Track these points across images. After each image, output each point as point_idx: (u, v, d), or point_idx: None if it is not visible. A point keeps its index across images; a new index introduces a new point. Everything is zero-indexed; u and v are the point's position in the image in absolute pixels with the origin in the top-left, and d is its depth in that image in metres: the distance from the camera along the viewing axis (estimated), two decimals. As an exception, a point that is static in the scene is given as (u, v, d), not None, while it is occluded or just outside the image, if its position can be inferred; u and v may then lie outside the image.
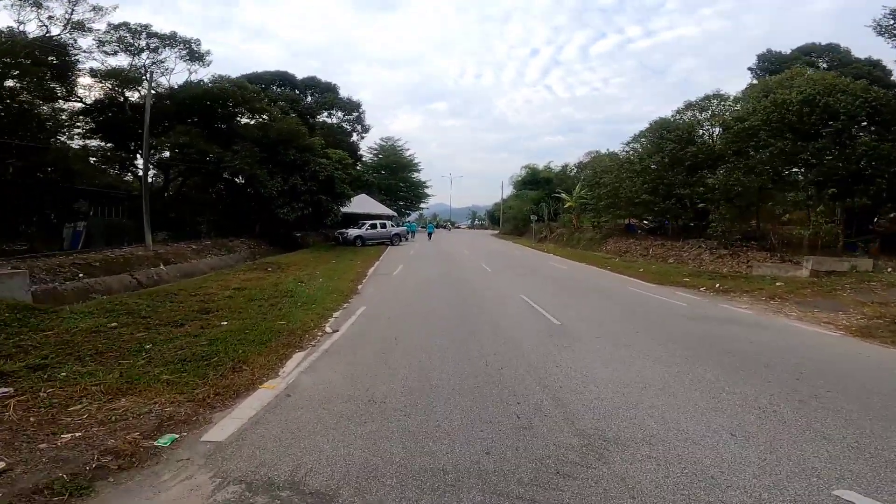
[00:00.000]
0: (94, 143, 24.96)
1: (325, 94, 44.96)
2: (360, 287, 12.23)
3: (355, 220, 33.70)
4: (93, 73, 23.29)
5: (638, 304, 10.93)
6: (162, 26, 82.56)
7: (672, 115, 30.42)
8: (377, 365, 5.70)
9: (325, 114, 45.08)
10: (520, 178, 66.85)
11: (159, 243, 17.65)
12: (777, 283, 14.23)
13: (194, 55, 25.43)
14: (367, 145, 68.63)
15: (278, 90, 42.74)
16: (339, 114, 46.21)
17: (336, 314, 8.83)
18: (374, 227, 32.22)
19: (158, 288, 10.91)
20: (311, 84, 46.26)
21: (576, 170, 58.01)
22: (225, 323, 7.36)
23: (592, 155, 55.62)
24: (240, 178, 22.99)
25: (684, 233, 30.14)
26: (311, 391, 4.86)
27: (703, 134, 29.50)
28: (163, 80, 25.22)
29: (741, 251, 21.81)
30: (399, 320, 8.32)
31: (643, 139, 34.02)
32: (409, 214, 75.19)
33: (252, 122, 26.18)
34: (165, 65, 25.08)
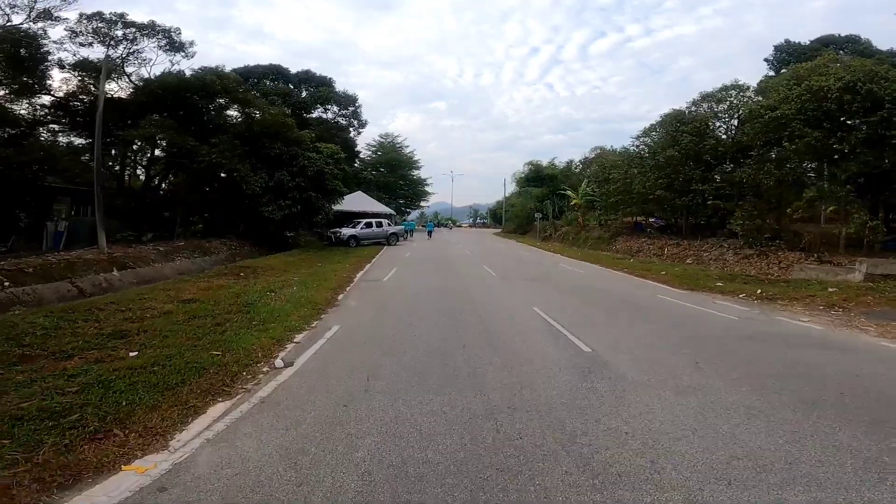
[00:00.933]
0: (68, 139, 23.23)
1: (320, 88, 43.01)
2: (340, 297, 10.26)
3: (351, 218, 31.75)
4: (60, 64, 21.44)
5: (678, 318, 8.91)
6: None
7: (686, 107, 28.37)
8: (331, 434, 3.70)
9: (321, 109, 43.14)
10: (523, 176, 64.76)
11: (120, 244, 15.72)
12: (829, 290, 12.19)
13: (175, 45, 23.51)
14: (365, 142, 66.80)
15: (271, 84, 40.81)
16: (335, 108, 44.27)
17: (299, 337, 6.85)
18: (368, 225, 30.23)
19: (85, 301, 8.92)
20: (306, 78, 44.34)
21: (581, 166, 55.97)
22: (135, 353, 5.38)
23: (598, 151, 53.70)
24: (222, 173, 21.02)
25: (697, 231, 27.68)
26: (206, 486, 2.88)
27: (720, 126, 27.56)
28: (143, 72, 23.38)
29: (769, 251, 19.76)
30: (378, 348, 6.33)
31: (654, 133, 32.11)
32: (408, 213, 73.24)
33: (237, 115, 24.23)
34: (144, 55, 23.22)
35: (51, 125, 22.46)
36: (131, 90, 22.95)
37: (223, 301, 8.95)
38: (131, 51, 22.71)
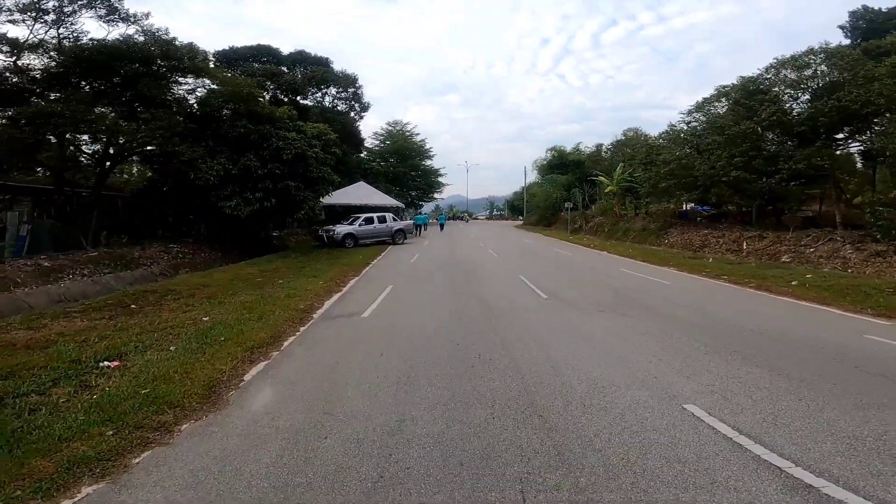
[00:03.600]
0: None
1: (316, 67, 37.79)
2: (248, 376, 4.94)
3: (353, 213, 26.59)
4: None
5: None
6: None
7: (759, 75, 22.66)
8: None
9: (317, 91, 37.92)
10: (545, 163, 58.77)
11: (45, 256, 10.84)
12: None
13: (114, 12, 18.41)
14: (372, 131, 61.65)
15: (258, 66, 35.74)
16: (333, 91, 39.06)
17: None
18: (369, 221, 24.95)
19: None
20: (300, 59, 39.15)
21: (611, 150, 49.83)
22: None
23: (631, 132, 47.57)
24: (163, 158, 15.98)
25: (760, 219, 23.91)
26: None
27: (799, 96, 21.74)
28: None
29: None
30: None
31: (709, 106, 26.40)
32: (421, 206, 67.92)
33: (193, 88, 19.13)
34: (77, 27, 18.23)
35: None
36: (54, 64, 18.05)
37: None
38: (61, 20, 17.79)
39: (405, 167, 54.65)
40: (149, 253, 14.35)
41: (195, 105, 17.77)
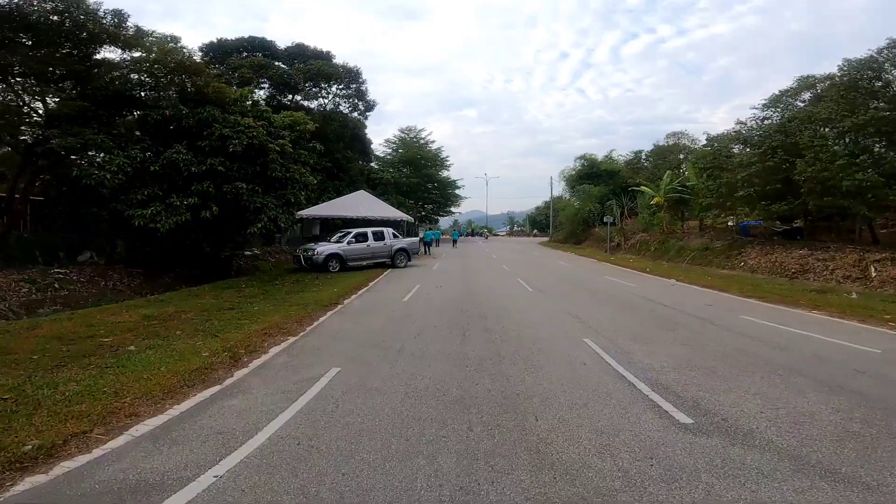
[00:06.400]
0: None
1: (314, 61, 33.19)
2: None
3: (354, 226, 21.41)
4: None
5: None
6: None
7: (870, 56, 17.10)
8: None
9: (315, 87, 33.19)
10: (573, 173, 53.01)
11: None
12: None
13: None
14: (383, 138, 57.17)
15: (246, 58, 31.29)
16: (334, 88, 34.35)
17: None
18: (362, 238, 19.56)
19: None
20: (298, 53, 34.71)
21: (651, 159, 43.92)
22: None
23: (676, 137, 41.69)
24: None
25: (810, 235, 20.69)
26: None
27: None
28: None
29: None
30: None
31: (795, 97, 21.06)
32: (437, 221, 62.69)
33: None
34: None
35: None
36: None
37: None
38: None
39: (419, 177, 49.64)
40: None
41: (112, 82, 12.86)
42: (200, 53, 32.01)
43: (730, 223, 29.30)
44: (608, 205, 40.14)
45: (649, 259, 28.13)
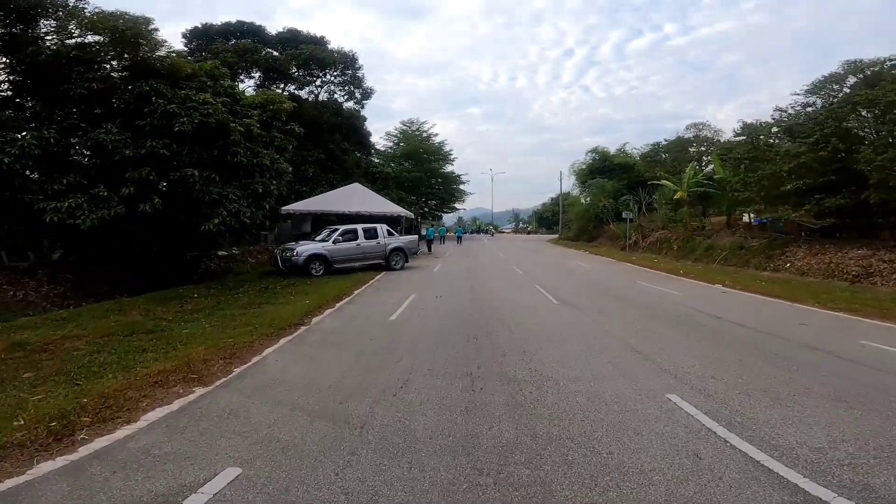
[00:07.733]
0: None
1: (307, 46, 30.57)
2: None
3: (347, 221, 18.78)
4: None
5: None
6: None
7: None
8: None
9: (307, 74, 30.58)
10: (584, 167, 50.08)
11: None
12: None
13: None
14: (384, 130, 54.71)
15: (232, 43, 28.73)
16: (328, 76, 31.68)
17: None
18: (351, 236, 16.91)
19: None
20: (290, 39, 32.13)
21: (668, 152, 41.23)
22: None
23: (697, 128, 38.85)
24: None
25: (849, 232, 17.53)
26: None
27: None
28: None
29: None
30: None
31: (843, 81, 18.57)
32: (440, 217, 59.85)
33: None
34: None
35: None
36: None
37: None
38: None
39: (421, 171, 46.95)
40: None
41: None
42: (184, 40, 29.75)
43: (744, 219, 26.56)
44: (623, 200, 37.41)
45: (672, 258, 25.57)
